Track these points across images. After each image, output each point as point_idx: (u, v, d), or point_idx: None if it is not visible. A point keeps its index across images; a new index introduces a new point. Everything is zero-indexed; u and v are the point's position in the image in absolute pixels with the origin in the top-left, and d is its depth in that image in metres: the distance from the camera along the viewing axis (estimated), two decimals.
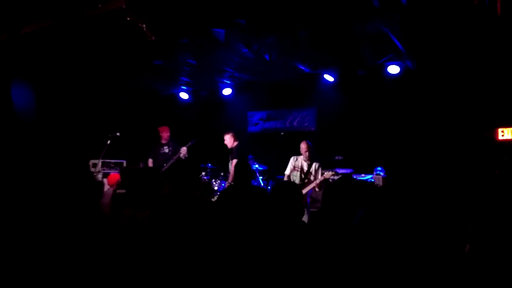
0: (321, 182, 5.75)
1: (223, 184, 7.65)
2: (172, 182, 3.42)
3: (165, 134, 7.38)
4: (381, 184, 6.31)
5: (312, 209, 5.89)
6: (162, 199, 3.08)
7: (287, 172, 6.14)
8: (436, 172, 6.54)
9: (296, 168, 6.07)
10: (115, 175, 5.68)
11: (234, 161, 6.19)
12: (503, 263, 2.83)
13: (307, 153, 5.97)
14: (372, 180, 6.49)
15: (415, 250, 2.62)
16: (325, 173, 5.86)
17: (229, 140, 6.67)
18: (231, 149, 6.66)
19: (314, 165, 6.00)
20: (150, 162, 7.32)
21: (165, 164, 7.01)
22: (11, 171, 5.95)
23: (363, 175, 6.72)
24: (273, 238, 2.47)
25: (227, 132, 6.73)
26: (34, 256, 2.55)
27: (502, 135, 6.57)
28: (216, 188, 7.73)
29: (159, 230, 2.88)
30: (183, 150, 6.98)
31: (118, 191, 4.97)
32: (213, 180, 7.89)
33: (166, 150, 7.32)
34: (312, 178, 5.93)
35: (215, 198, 6.90)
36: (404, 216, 2.97)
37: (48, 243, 2.62)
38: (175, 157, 7.02)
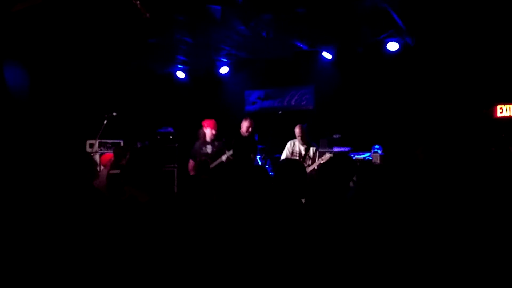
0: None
1: None
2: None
3: (209, 131, 6.22)
4: (378, 162, 6.32)
5: None
6: (161, 177, 3.08)
7: (283, 157, 6.11)
8: (434, 149, 6.55)
9: (294, 154, 6.04)
10: (107, 155, 5.67)
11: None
12: (501, 241, 2.86)
13: (300, 137, 5.95)
14: (370, 158, 6.50)
15: (411, 229, 2.64)
16: (324, 155, 5.87)
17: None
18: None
19: (312, 149, 5.99)
20: (190, 165, 6.21)
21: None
22: (6, 154, 5.93)
23: (361, 153, 6.73)
24: (276, 216, 2.48)
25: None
26: (36, 239, 2.56)
27: (501, 112, 6.56)
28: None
29: (159, 208, 2.88)
30: (228, 153, 5.86)
31: (111, 171, 4.99)
32: None
33: (209, 151, 6.19)
34: (309, 162, 5.93)
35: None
36: (400, 193, 2.98)
37: (48, 225, 2.62)
38: (217, 161, 5.95)
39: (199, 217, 2.72)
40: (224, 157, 5.88)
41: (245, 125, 6.10)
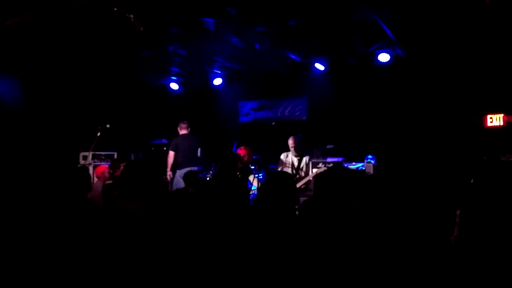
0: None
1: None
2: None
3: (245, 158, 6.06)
4: (372, 172, 6.35)
5: (302, 198, 5.93)
6: (154, 190, 3.08)
7: (278, 169, 6.16)
8: (426, 159, 6.61)
9: (287, 165, 6.09)
10: (101, 167, 5.67)
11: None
12: (491, 247, 2.89)
13: (293, 148, 6.01)
14: (363, 168, 6.53)
15: (409, 240, 2.66)
16: (318, 166, 5.91)
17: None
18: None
19: (305, 159, 6.03)
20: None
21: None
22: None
23: (354, 163, 6.76)
24: (266, 227, 2.48)
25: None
26: (31, 250, 2.55)
27: (491, 122, 6.63)
28: (207, 179, 7.72)
29: (152, 221, 2.88)
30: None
31: (107, 182, 4.98)
32: (204, 171, 7.89)
33: None
34: (303, 173, 5.95)
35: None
36: (396, 205, 3.01)
37: (39, 236, 2.61)
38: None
39: (188, 227, 2.73)
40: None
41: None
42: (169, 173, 6.62)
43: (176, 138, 6.79)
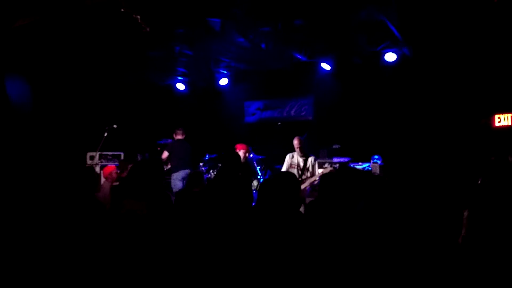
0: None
1: None
2: None
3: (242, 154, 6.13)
4: (378, 172, 6.33)
5: (309, 198, 5.92)
6: (159, 191, 3.09)
7: (283, 170, 6.14)
8: (433, 159, 6.57)
9: (293, 166, 6.08)
10: (109, 168, 5.70)
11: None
12: (498, 248, 2.87)
13: (299, 149, 6.00)
14: (370, 168, 6.51)
15: (416, 240, 2.65)
16: (324, 166, 5.88)
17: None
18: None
19: (310, 160, 6.02)
20: None
21: None
22: (8, 164, 5.95)
23: (360, 163, 6.74)
24: (268, 228, 2.48)
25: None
26: (34, 250, 2.57)
27: (499, 122, 6.58)
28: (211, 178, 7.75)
29: (157, 222, 2.89)
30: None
31: (115, 183, 5.01)
32: (211, 171, 7.91)
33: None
34: (309, 174, 5.94)
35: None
36: (403, 206, 2.99)
37: (46, 236, 2.63)
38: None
39: (192, 228, 2.73)
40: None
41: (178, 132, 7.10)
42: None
43: (173, 142, 7.17)
